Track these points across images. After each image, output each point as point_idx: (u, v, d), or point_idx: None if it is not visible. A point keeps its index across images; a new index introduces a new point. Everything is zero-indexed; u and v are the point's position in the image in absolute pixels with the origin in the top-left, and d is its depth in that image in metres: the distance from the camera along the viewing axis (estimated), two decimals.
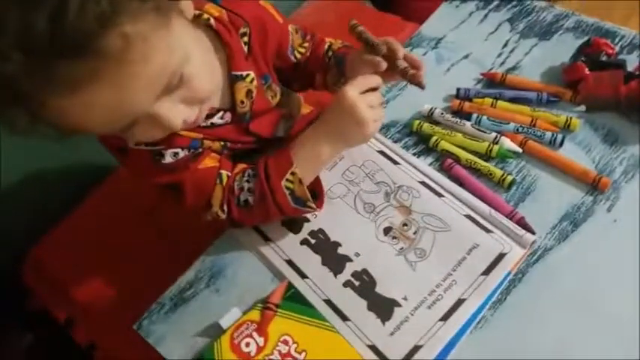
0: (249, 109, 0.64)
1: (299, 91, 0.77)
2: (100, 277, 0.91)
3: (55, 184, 1.04)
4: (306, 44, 0.72)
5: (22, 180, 1.00)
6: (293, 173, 0.59)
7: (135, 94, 0.44)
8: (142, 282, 0.74)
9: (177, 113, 0.50)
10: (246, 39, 0.62)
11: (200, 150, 0.62)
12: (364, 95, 0.58)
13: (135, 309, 0.64)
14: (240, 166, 0.64)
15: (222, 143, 0.64)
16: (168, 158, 0.59)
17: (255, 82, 0.63)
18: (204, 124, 0.61)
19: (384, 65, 0.61)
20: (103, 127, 0.46)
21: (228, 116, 0.63)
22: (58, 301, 0.94)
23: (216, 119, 0.62)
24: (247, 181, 0.61)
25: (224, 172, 0.62)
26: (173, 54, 0.46)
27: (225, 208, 0.61)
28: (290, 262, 0.63)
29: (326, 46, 0.72)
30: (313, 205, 0.61)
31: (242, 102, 0.63)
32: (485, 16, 0.83)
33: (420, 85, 0.62)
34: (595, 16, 0.80)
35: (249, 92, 0.63)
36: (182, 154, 0.60)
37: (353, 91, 0.58)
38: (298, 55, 0.72)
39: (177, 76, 0.47)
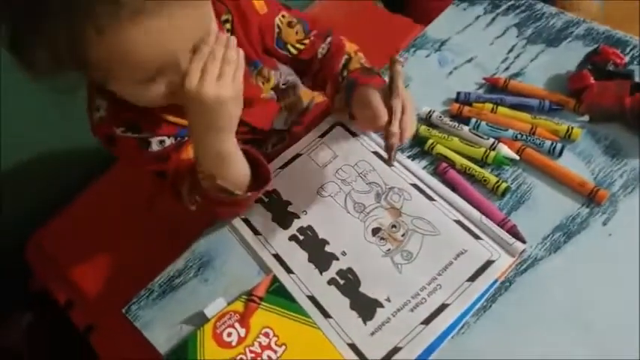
0: None
1: (310, 89, 0.77)
2: (98, 263, 0.94)
3: (58, 172, 1.07)
4: (306, 41, 0.71)
5: (27, 166, 1.02)
6: (201, 172, 0.58)
7: (194, 30, 0.48)
8: (139, 268, 0.75)
9: (195, 73, 0.50)
10: (228, 26, 0.62)
11: (186, 138, 0.62)
12: (205, 75, 0.49)
13: (132, 294, 0.66)
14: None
15: None
16: (154, 146, 0.60)
17: None
18: None
19: (382, 122, 0.57)
20: (146, 62, 0.47)
21: None
22: (59, 283, 0.96)
23: None
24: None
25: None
26: (211, 10, 0.51)
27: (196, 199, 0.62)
28: (277, 257, 0.64)
29: (343, 60, 0.70)
30: (239, 194, 0.59)
31: None
32: (493, 19, 0.82)
33: (389, 162, 0.58)
34: None
35: None
36: (168, 141, 0.61)
37: (190, 83, 0.49)
38: (294, 51, 0.70)
39: (208, 33, 0.50)
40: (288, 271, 0.62)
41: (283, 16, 0.69)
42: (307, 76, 0.75)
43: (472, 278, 0.59)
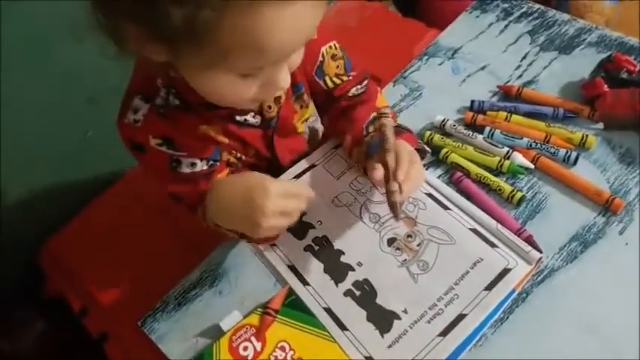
0: (275, 115, 0.64)
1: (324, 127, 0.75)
2: (113, 270, 0.93)
3: (74, 180, 1.07)
4: (344, 78, 0.69)
5: (44, 174, 1.03)
6: (217, 226, 0.60)
7: (310, 29, 0.48)
8: (154, 276, 0.75)
9: (286, 76, 0.52)
10: None
11: (217, 164, 0.62)
12: (281, 199, 0.52)
13: (147, 302, 0.65)
14: None
15: (237, 155, 0.65)
16: (184, 168, 0.60)
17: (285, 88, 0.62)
18: (238, 118, 0.61)
19: (378, 175, 0.58)
20: (271, 50, 0.45)
21: (258, 118, 0.64)
22: (73, 290, 0.96)
23: (249, 117, 0.62)
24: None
25: None
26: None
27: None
28: (292, 268, 0.63)
29: (371, 117, 0.68)
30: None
31: (269, 107, 0.63)
32: (506, 27, 0.81)
33: (395, 216, 0.57)
34: None
35: (277, 98, 0.63)
36: (199, 166, 0.61)
37: (274, 188, 0.52)
38: (330, 83, 0.69)
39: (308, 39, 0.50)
40: (304, 282, 0.62)
41: (330, 47, 0.67)
42: (329, 116, 0.73)
43: (489, 287, 0.59)
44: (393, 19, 1.22)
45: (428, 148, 0.68)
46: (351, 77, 0.70)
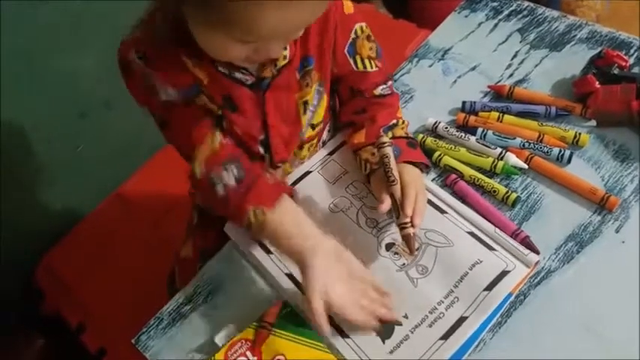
0: (270, 76, 0.61)
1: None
2: (109, 285, 0.93)
3: (66, 194, 1.06)
4: (374, 63, 0.67)
5: (38, 190, 1.02)
6: (263, 213, 0.57)
7: (304, 21, 0.52)
8: (150, 290, 0.75)
9: (278, 48, 0.55)
10: None
11: (194, 99, 0.60)
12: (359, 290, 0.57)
13: (144, 317, 0.65)
14: (236, 148, 0.62)
15: (219, 112, 0.62)
16: (162, 95, 0.58)
17: (286, 53, 0.60)
18: (223, 70, 0.59)
19: (384, 209, 0.60)
20: (256, 32, 0.49)
21: (250, 78, 0.61)
22: (70, 307, 0.96)
23: (237, 73, 0.60)
24: (229, 170, 0.59)
25: (218, 136, 0.60)
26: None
27: (204, 169, 0.59)
28: (291, 277, 0.63)
29: (390, 123, 0.68)
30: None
31: (264, 65, 0.60)
32: (495, 26, 0.81)
33: (411, 251, 0.59)
34: None
35: (274, 60, 0.60)
36: (173, 95, 0.58)
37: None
38: (360, 65, 0.67)
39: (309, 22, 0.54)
40: (303, 291, 0.61)
41: (366, 27, 0.66)
42: (349, 109, 0.71)
43: (489, 287, 0.58)
44: (383, 21, 1.22)
45: (430, 164, 0.68)
46: (379, 67, 0.68)
